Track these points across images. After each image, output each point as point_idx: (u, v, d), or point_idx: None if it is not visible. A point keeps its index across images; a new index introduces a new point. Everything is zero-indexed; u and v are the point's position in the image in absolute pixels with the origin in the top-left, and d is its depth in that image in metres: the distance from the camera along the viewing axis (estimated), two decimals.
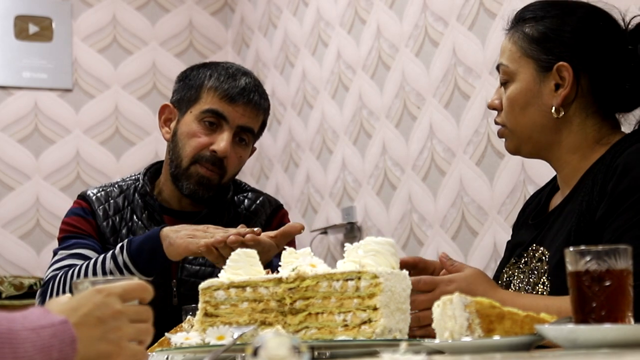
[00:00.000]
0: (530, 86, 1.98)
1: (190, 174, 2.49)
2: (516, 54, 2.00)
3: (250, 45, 4.89)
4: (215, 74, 2.52)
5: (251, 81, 2.53)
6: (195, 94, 2.52)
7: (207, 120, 2.49)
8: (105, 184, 2.64)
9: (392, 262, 1.52)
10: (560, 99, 1.94)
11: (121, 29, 4.91)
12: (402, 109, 3.61)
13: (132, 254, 2.31)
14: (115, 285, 1.26)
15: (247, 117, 2.50)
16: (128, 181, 2.63)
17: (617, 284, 1.31)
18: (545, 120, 1.97)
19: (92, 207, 2.55)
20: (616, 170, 1.82)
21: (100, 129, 4.78)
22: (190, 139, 2.49)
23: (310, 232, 4.17)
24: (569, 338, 1.27)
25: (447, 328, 1.39)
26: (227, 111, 2.48)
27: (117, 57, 4.88)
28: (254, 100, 2.51)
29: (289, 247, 1.65)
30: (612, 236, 1.75)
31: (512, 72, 2.00)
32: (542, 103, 1.97)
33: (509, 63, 2.01)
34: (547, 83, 1.96)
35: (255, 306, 1.56)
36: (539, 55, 1.97)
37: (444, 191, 3.36)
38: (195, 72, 2.56)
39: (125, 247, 2.33)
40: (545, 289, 1.88)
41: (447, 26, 3.36)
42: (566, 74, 1.94)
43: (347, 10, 4.00)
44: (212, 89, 2.50)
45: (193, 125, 2.50)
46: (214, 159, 2.47)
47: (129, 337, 1.24)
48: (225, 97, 2.48)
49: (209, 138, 2.48)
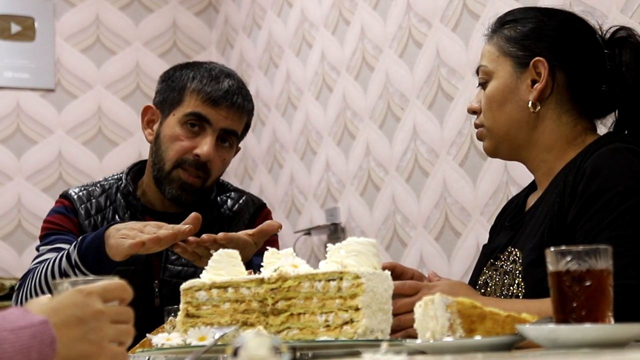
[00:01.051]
0: (508, 82, 2.01)
1: (172, 178, 2.47)
2: (495, 54, 2.04)
3: (235, 46, 4.89)
4: (198, 76, 2.49)
5: (234, 83, 2.51)
6: (178, 97, 2.49)
7: (190, 123, 2.47)
8: (88, 184, 2.63)
9: (374, 262, 1.52)
10: (537, 93, 1.97)
11: (104, 28, 4.90)
12: (386, 110, 3.62)
13: (82, 252, 2.24)
14: (96, 285, 1.25)
15: (231, 119, 2.48)
16: (110, 180, 2.62)
17: (598, 284, 1.31)
18: (522, 115, 2.00)
19: (74, 205, 2.53)
20: (585, 172, 1.83)
21: (83, 130, 4.76)
22: (173, 142, 2.47)
23: (294, 233, 4.17)
24: (549, 338, 1.27)
25: (428, 328, 1.39)
26: (210, 114, 2.46)
27: (100, 57, 4.86)
28: (238, 102, 2.49)
29: (272, 248, 1.64)
30: (584, 238, 1.77)
31: (490, 71, 2.04)
32: (519, 99, 2.00)
33: (487, 63, 2.05)
34: (524, 79, 1.99)
35: (237, 307, 1.56)
36: (517, 52, 2.00)
37: (428, 192, 3.37)
38: (178, 74, 2.53)
39: (77, 245, 2.26)
40: (520, 290, 1.89)
41: (430, 27, 3.36)
42: (542, 69, 1.97)
43: (331, 11, 4.00)
44: (194, 92, 2.47)
45: (176, 128, 2.48)
46: (197, 163, 2.45)
47: (109, 337, 1.23)
48: (208, 100, 2.46)
49: (192, 142, 2.46)
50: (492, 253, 2.07)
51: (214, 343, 1.40)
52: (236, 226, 2.56)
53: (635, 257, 1.71)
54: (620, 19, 2.47)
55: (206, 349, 1.39)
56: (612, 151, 1.86)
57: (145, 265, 2.47)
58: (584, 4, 2.62)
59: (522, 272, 1.90)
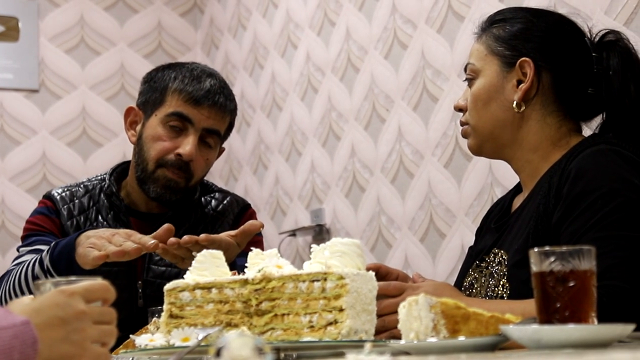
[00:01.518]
0: (494, 82, 2.01)
1: (156, 177, 2.47)
2: (483, 53, 2.04)
3: (220, 47, 4.88)
4: (180, 76, 2.49)
5: (216, 83, 2.50)
6: (159, 97, 2.49)
7: (171, 123, 2.46)
8: (71, 184, 2.62)
9: (359, 263, 1.52)
10: (522, 93, 1.98)
11: (89, 29, 4.88)
12: (371, 112, 3.62)
13: (53, 258, 2.22)
14: (78, 286, 1.24)
15: (213, 119, 2.48)
16: (94, 181, 2.61)
17: (581, 284, 1.31)
18: (506, 115, 2.00)
19: (56, 206, 2.52)
20: (570, 173, 1.84)
21: (67, 130, 4.74)
22: (155, 142, 2.46)
23: (279, 235, 4.17)
24: (533, 338, 1.28)
25: (412, 329, 1.39)
26: (192, 114, 2.46)
27: (84, 57, 4.84)
28: (220, 102, 2.48)
29: (256, 249, 1.64)
30: (569, 239, 1.77)
31: (477, 69, 2.04)
32: (504, 98, 2.00)
33: (475, 61, 2.05)
34: (510, 79, 2.00)
35: (220, 307, 1.56)
36: (504, 52, 2.01)
37: (413, 193, 3.37)
38: (160, 74, 2.53)
39: (49, 251, 2.25)
40: (505, 291, 1.90)
41: (415, 29, 3.37)
42: (528, 69, 1.98)
43: (316, 12, 4.00)
44: (176, 92, 2.47)
45: (158, 128, 2.47)
46: (179, 162, 2.45)
47: (92, 338, 1.23)
48: (190, 99, 2.46)
49: (174, 142, 2.46)
50: (478, 255, 2.07)
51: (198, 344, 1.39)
52: (220, 226, 2.56)
53: (620, 258, 1.71)
54: (604, 21, 2.47)
55: (189, 349, 1.38)
56: (597, 153, 1.86)
57: (128, 265, 2.46)
58: (568, 5, 2.63)
59: (507, 274, 1.90)
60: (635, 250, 1.73)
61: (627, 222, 1.76)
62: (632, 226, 1.76)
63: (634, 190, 1.80)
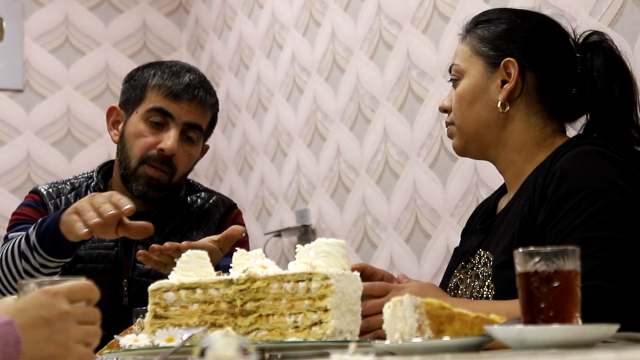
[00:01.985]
0: (479, 82, 2.02)
1: (139, 174, 2.47)
2: (467, 54, 2.05)
3: (205, 47, 4.87)
4: (159, 72, 2.50)
5: (195, 77, 2.52)
6: (140, 94, 2.50)
7: (152, 119, 2.47)
8: (57, 181, 2.62)
9: (343, 263, 1.52)
10: (506, 93, 1.98)
11: (73, 29, 4.86)
12: (357, 112, 3.62)
13: (40, 234, 2.19)
14: (62, 286, 1.24)
15: (193, 113, 2.49)
16: (80, 179, 2.61)
17: (565, 284, 1.32)
18: (491, 115, 2.00)
19: (43, 200, 2.52)
20: (555, 174, 1.84)
21: (52, 130, 4.73)
22: (137, 139, 2.47)
23: (264, 235, 4.16)
24: (517, 339, 1.28)
25: (397, 329, 1.39)
26: (172, 109, 2.47)
27: (69, 57, 4.83)
28: (199, 96, 2.49)
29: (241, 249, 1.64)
30: (554, 240, 1.77)
31: (462, 70, 2.05)
32: (489, 98, 2.01)
33: (460, 62, 2.06)
34: (494, 79, 2.01)
35: (205, 308, 1.55)
36: (489, 52, 2.01)
37: (398, 194, 3.37)
38: (140, 73, 2.55)
39: (36, 227, 2.22)
40: (490, 292, 1.90)
41: (401, 29, 3.37)
42: (512, 69, 1.98)
43: (302, 13, 4.00)
44: (155, 87, 2.48)
45: (139, 125, 2.48)
46: (162, 157, 2.45)
47: (76, 338, 1.22)
48: (170, 94, 2.47)
49: (155, 137, 2.46)
50: (463, 256, 2.08)
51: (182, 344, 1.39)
52: (206, 226, 2.56)
53: (604, 259, 1.71)
54: (589, 22, 2.48)
55: (173, 350, 1.38)
56: (582, 154, 1.87)
57: (114, 263, 2.46)
58: (553, 6, 2.63)
59: (492, 274, 1.91)
60: (620, 251, 1.73)
61: (612, 222, 1.76)
62: (616, 227, 1.76)
63: (618, 191, 1.80)
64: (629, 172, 1.85)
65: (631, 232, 1.76)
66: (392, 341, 1.39)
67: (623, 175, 1.83)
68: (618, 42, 2.08)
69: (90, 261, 2.45)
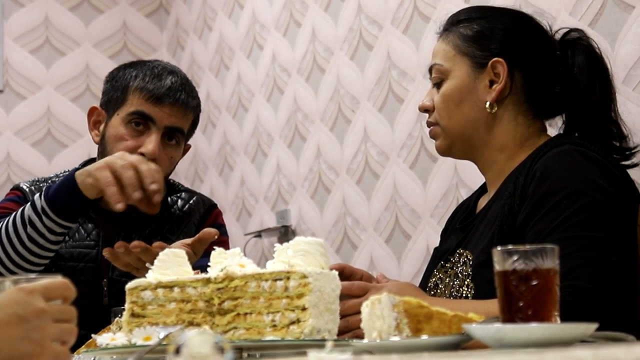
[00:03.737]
0: (466, 82, 2.01)
1: None
2: (450, 53, 2.03)
3: (185, 48, 4.86)
4: (141, 74, 2.47)
5: (177, 80, 2.49)
6: (121, 96, 2.47)
7: (133, 122, 2.44)
8: (39, 178, 2.60)
9: (322, 262, 1.51)
10: (496, 94, 1.98)
11: (54, 29, 4.84)
12: (337, 113, 3.61)
13: (50, 197, 2.21)
14: (38, 284, 1.23)
15: (175, 117, 2.46)
16: (61, 176, 2.58)
17: (544, 283, 1.32)
18: (479, 116, 2.00)
19: (26, 197, 2.50)
20: (535, 174, 1.84)
21: (32, 131, 4.70)
22: (118, 142, 2.44)
23: (244, 236, 4.15)
24: (495, 337, 1.27)
25: (375, 328, 1.38)
26: (153, 112, 2.44)
27: (49, 58, 4.81)
28: (181, 99, 2.46)
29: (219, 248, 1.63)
30: (534, 239, 1.77)
31: (446, 70, 2.03)
32: (477, 99, 2.00)
33: (443, 62, 2.04)
34: (482, 79, 1.99)
35: (183, 306, 1.54)
36: (475, 52, 2.00)
37: (378, 194, 3.37)
38: (122, 73, 2.51)
39: (43, 192, 2.24)
40: (470, 291, 1.90)
41: (381, 30, 3.37)
42: (501, 70, 1.98)
43: (282, 13, 3.99)
44: (137, 90, 2.45)
45: (120, 128, 2.45)
46: None
47: (52, 337, 1.21)
48: (151, 98, 2.44)
49: (136, 141, 2.43)
50: (443, 255, 2.07)
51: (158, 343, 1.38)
52: (186, 227, 2.55)
53: (585, 259, 1.72)
54: (569, 21, 2.48)
55: (150, 348, 1.37)
56: (563, 153, 1.87)
57: (95, 262, 2.45)
58: (533, 6, 2.64)
59: (471, 274, 1.90)
60: (600, 251, 1.73)
61: (593, 222, 1.77)
62: (597, 227, 1.76)
63: (599, 190, 1.80)
64: (610, 171, 1.85)
65: (612, 232, 1.77)
66: (370, 340, 1.39)
67: (604, 174, 1.83)
68: (598, 41, 2.09)
69: (70, 259, 2.44)
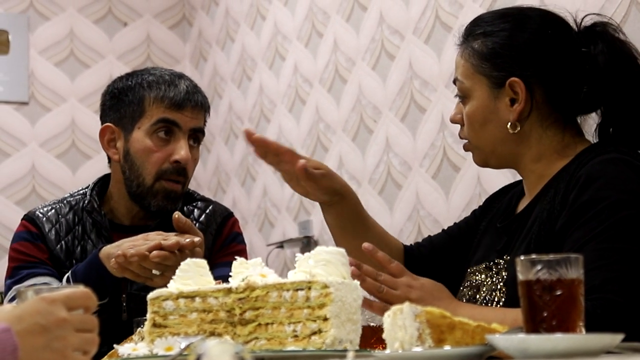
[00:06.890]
0: (486, 103, 1.98)
1: (156, 190, 2.44)
2: (469, 71, 1.99)
3: (208, 59, 4.87)
4: (154, 84, 2.46)
5: (189, 83, 2.52)
6: (138, 109, 2.45)
7: (159, 132, 2.44)
8: (54, 201, 2.58)
9: (343, 272, 1.51)
10: (516, 114, 1.94)
11: (78, 42, 4.88)
12: (359, 123, 3.61)
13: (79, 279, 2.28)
14: (60, 293, 1.23)
15: (196, 118, 2.49)
16: (77, 196, 2.57)
17: (568, 293, 1.30)
18: (505, 134, 1.97)
19: (41, 231, 2.48)
20: (579, 181, 1.81)
21: (56, 143, 4.74)
22: (148, 155, 2.43)
23: (267, 246, 4.15)
24: (519, 348, 1.26)
25: (397, 338, 1.37)
26: (177, 118, 2.45)
27: (74, 70, 4.84)
28: (199, 101, 2.50)
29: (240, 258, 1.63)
30: (572, 247, 1.75)
31: (467, 88, 2.00)
32: (500, 118, 1.97)
33: (463, 79, 2.01)
34: (501, 99, 1.96)
35: (204, 317, 1.54)
36: (491, 72, 1.96)
37: (401, 205, 3.36)
38: (129, 86, 2.48)
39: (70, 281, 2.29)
40: (502, 296, 1.88)
41: (403, 39, 3.36)
42: (519, 89, 1.94)
43: (304, 24, 4.00)
44: (157, 100, 2.45)
45: (146, 140, 2.44)
46: (178, 169, 2.44)
47: (73, 346, 1.22)
48: (173, 105, 2.44)
49: (165, 150, 2.44)
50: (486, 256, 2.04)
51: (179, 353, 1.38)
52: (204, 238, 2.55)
53: (618, 272, 1.69)
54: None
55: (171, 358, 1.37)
56: (607, 161, 1.84)
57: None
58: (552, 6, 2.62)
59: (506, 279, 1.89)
60: (635, 265, 1.71)
61: (632, 235, 1.74)
62: (636, 240, 1.74)
63: None
64: None
65: None
66: (392, 350, 1.38)
67: None
68: None
69: None
